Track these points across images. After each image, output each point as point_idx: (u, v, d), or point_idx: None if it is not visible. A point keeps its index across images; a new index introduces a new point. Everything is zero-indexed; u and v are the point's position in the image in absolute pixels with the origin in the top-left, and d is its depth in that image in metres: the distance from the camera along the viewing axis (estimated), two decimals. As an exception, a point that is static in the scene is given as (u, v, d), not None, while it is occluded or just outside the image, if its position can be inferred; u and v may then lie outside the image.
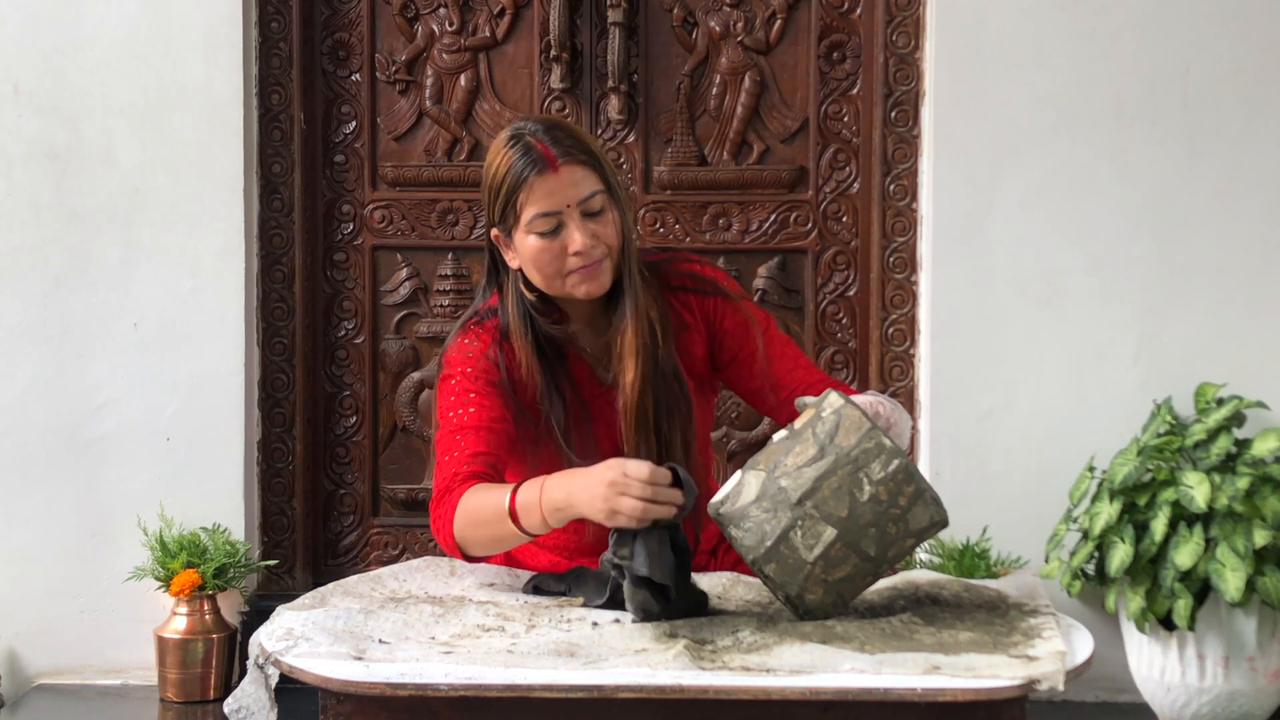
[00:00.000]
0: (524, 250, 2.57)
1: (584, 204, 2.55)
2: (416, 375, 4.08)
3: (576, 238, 2.53)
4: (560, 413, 2.59)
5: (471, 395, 2.56)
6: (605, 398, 2.64)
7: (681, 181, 4.01)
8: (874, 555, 2.22)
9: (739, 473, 2.28)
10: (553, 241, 2.54)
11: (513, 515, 2.38)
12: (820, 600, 2.23)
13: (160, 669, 3.81)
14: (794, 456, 2.23)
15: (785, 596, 2.24)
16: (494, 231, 2.62)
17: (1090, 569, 3.61)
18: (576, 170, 2.55)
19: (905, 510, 2.21)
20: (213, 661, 3.80)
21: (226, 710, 2.22)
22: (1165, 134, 3.79)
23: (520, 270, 2.61)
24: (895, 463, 2.20)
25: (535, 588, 2.50)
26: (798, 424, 2.27)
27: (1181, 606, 3.44)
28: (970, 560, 3.62)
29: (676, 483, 2.27)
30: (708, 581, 2.45)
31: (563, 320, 2.64)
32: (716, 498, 2.27)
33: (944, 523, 2.24)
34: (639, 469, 2.26)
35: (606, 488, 2.27)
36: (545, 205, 2.53)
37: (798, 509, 2.20)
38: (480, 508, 2.43)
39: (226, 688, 3.80)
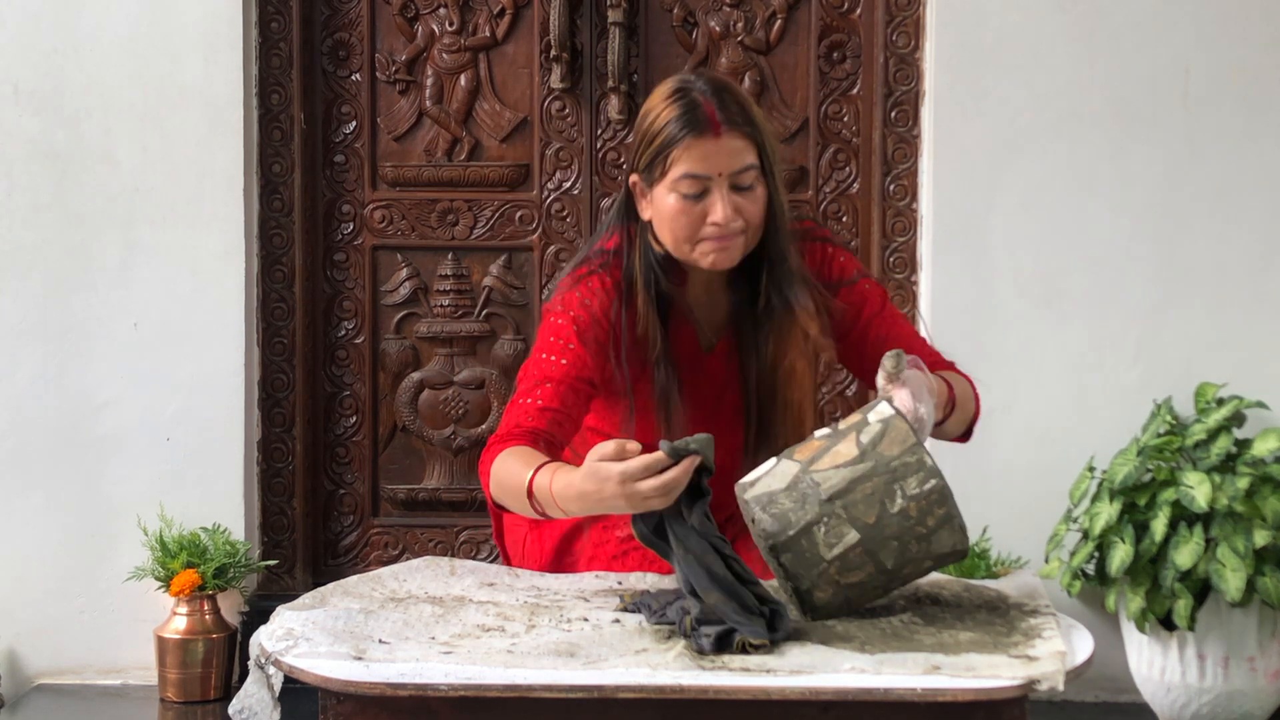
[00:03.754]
0: (661, 207, 2.49)
1: (735, 176, 2.46)
2: (416, 375, 4.08)
3: (719, 208, 2.45)
4: (663, 375, 2.53)
5: (570, 346, 2.50)
6: (701, 363, 2.59)
7: (681, 181, 4.00)
8: (890, 568, 2.21)
9: (774, 459, 2.28)
10: (693, 206, 2.46)
11: (529, 494, 2.34)
12: (828, 600, 2.23)
13: (160, 669, 3.81)
14: (832, 455, 2.23)
15: (794, 589, 2.24)
16: (634, 178, 2.54)
17: (1090, 569, 3.61)
18: (737, 140, 2.46)
19: (931, 531, 2.21)
20: (213, 661, 3.80)
21: (231, 712, 2.21)
22: (1165, 134, 3.78)
23: (650, 223, 2.54)
24: (932, 482, 2.20)
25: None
26: (842, 425, 2.27)
27: (1181, 606, 3.45)
28: (970, 560, 3.62)
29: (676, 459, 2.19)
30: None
31: (682, 282, 2.57)
32: (746, 478, 2.27)
33: (964, 553, 2.25)
34: (628, 466, 2.17)
35: (618, 486, 2.17)
36: (696, 168, 2.45)
37: (826, 506, 2.20)
38: (509, 476, 2.38)
39: (226, 688, 3.81)
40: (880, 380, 2.34)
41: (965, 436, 2.66)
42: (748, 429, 2.63)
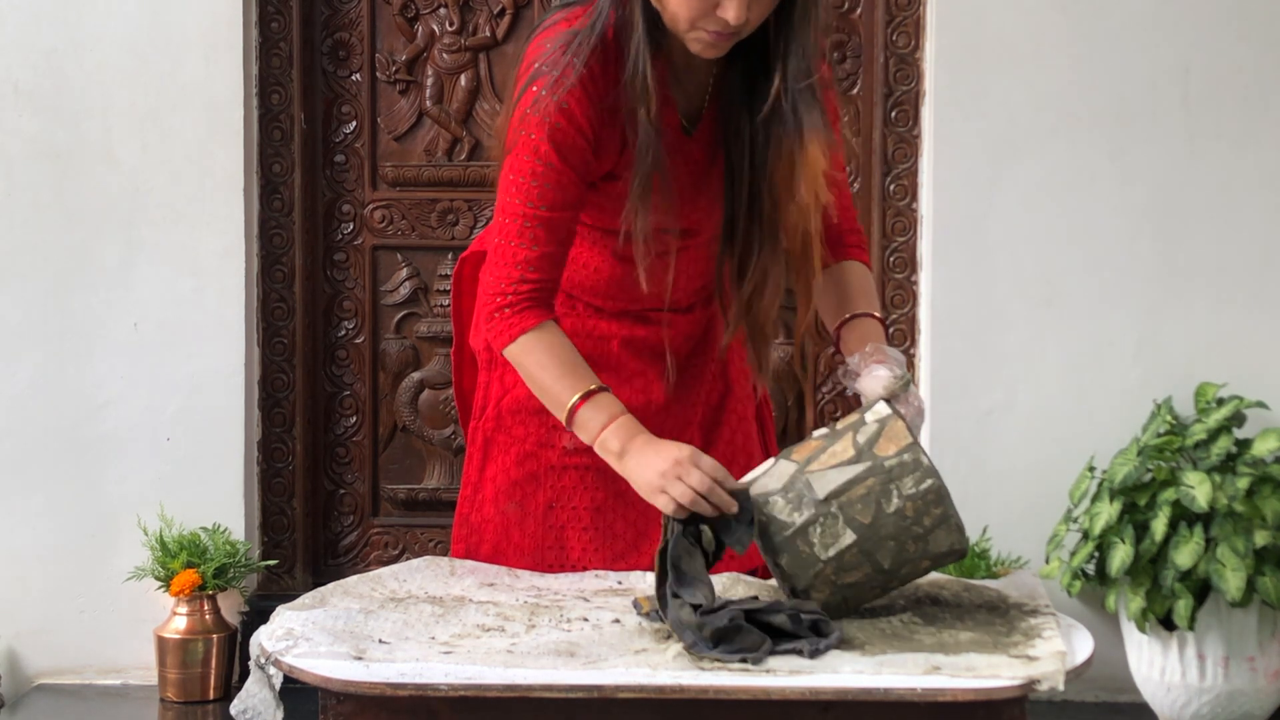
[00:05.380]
0: None
1: None
2: (417, 375, 4.08)
3: (733, 8, 2.25)
4: (651, 154, 2.34)
5: (551, 165, 2.33)
6: (683, 149, 2.43)
7: (681, 181, 4.01)
8: (887, 569, 2.21)
9: (772, 459, 2.28)
10: None
11: (570, 417, 2.31)
12: (825, 601, 2.23)
13: (160, 669, 3.82)
14: (829, 455, 2.23)
15: (791, 589, 2.24)
16: None
17: (1090, 569, 3.61)
18: None
19: (928, 531, 2.20)
20: (213, 661, 3.80)
21: (233, 712, 2.21)
22: (1165, 134, 3.79)
23: None
24: (928, 482, 2.20)
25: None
26: (840, 424, 2.27)
27: (1182, 606, 3.45)
28: (970, 560, 3.62)
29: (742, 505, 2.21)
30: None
31: (668, 54, 2.37)
32: (744, 479, 2.27)
33: (963, 552, 2.24)
34: (711, 463, 2.21)
35: (672, 465, 2.20)
36: None
37: (822, 506, 2.20)
38: (543, 369, 2.33)
39: (226, 688, 3.81)
40: (870, 387, 2.32)
41: None
42: (726, 238, 2.46)
